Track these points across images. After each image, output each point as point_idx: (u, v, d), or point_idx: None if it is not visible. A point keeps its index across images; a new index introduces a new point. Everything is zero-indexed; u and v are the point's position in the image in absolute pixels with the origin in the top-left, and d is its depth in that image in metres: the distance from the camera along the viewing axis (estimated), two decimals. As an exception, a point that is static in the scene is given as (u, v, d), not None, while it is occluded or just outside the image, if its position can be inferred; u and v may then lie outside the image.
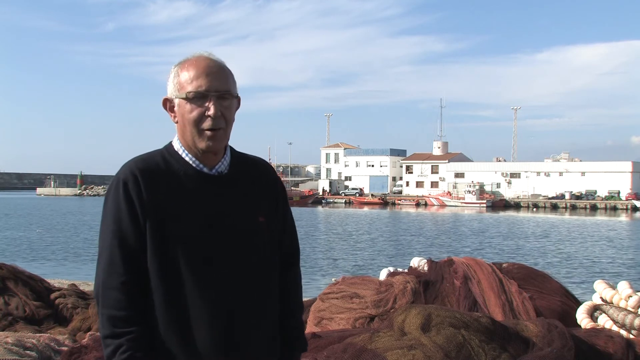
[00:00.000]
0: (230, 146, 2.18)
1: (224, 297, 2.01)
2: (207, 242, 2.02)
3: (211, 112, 2.01)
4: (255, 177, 2.19)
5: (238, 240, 2.07)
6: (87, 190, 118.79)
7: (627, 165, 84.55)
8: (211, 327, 1.99)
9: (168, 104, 2.10)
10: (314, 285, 16.57)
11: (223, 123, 2.05)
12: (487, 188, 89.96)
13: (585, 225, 49.30)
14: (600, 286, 5.56)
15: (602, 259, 25.77)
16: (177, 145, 2.10)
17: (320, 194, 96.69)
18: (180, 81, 2.05)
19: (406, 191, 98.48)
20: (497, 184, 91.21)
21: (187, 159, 2.08)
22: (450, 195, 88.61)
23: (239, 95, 2.16)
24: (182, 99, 2.04)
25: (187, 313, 1.99)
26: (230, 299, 2.02)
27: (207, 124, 2.02)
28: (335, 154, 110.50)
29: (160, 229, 1.99)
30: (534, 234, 39.60)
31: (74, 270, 19.74)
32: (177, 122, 2.08)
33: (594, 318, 5.23)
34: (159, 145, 2.16)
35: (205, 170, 2.09)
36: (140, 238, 1.99)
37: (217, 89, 2.03)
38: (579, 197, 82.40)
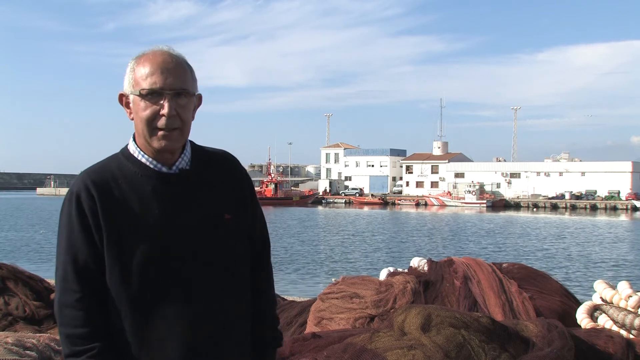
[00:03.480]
0: (190, 141, 2.07)
1: (189, 302, 1.94)
2: (170, 244, 1.93)
3: (165, 110, 1.91)
4: (220, 172, 2.09)
5: (203, 240, 1.98)
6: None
7: (627, 165, 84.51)
8: (177, 334, 1.92)
9: (124, 100, 2.00)
10: (314, 285, 16.57)
11: (178, 122, 1.94)
12: (487, 188, 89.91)
13: (585, 225, 49.26)
14: (600, 286, 5.56)
15: (602, 259, 25.76)
16: (133, 148, 2.01)
17: (320, 194, 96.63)
18: (135, 77, 1.94)
19: (406, 191, 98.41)
20: (497, 184, 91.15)
21: (143, 160, 1.98)
22: (450, 195, 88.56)
23: (199, 93, 2.06)
24: (137, 95, 1.94)
25: (151, 321, 1.91)
26: (196, 302, 1.94)
27: (160, 123, 1.92)
28: (335, 154, 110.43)
29: (118, 240, 1.90)
30: (535, 234, 39.57)
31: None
32: (132, 119, 1.99)
33: (594, 318, 5.22)
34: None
35: (164, 169, 1.99)
36: (95, 252, 1.91)
37: (173, 87, 1.93)
38: (579, 197, 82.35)
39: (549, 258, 25.80)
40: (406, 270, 6.82)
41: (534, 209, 79.30)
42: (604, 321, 5.09)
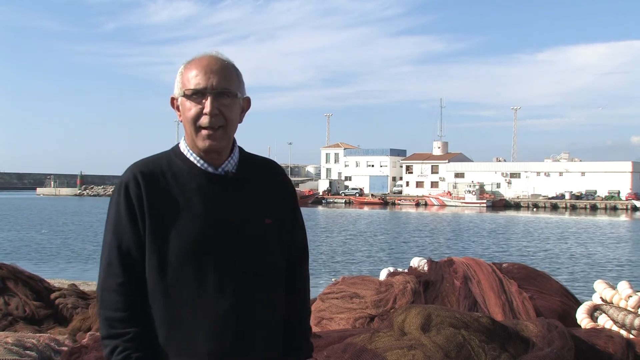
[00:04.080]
0: (239, 146, 2.16)
1: (223, 300, 1.98)
2: (209, 242, 2.00)
3: (207, 109, 2.00)
4: (264, 178, 2.16)
5: (241, 241, 2.03)
6: (87, 191, 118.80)
7: (627, 165, 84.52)
8: (209, 330, 1.97)
9: (175, 103, 2.10)
10: (314, 285, 16.55)
11: (222, 121, 2.02)
12: (487, 188, 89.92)
13: (586, 225, 49.26)
14: (600, 286, 5.56)
15: (602, 259, 25.75)
16: (183, 146, 2.10)
17: (320, 194, 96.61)
18: (183, 80, 2.05)
19: (406, 191, 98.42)
20: (497, 184, 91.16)
21: (191, 158, 2.07)
22: (451, 195, 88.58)
23: (247, 96, 2.13)
24: (183, 96, 2.04)
25: (185, 314, 1.97)
26: (229, 301, 1.99)
27: (203, 121, 2.01)
28: (335, 154, 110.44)
29: (160, 230, 1.98)
30: (537, 234, 39.56)
31: (78, 270, 19.72)
32: (181, 121, 2.09)
33: (594, 318, 5.22)
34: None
35: (211, 169, 2.06)
36: (139, 240, 2.00)
37: (215, 87, 2.01)
38: (579, 197, 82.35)
39: (550, 258, 25.79)
40: (406, 270, 6.82)
41: (534, 209, 79.29)
42: (604, 321, 5.09)
